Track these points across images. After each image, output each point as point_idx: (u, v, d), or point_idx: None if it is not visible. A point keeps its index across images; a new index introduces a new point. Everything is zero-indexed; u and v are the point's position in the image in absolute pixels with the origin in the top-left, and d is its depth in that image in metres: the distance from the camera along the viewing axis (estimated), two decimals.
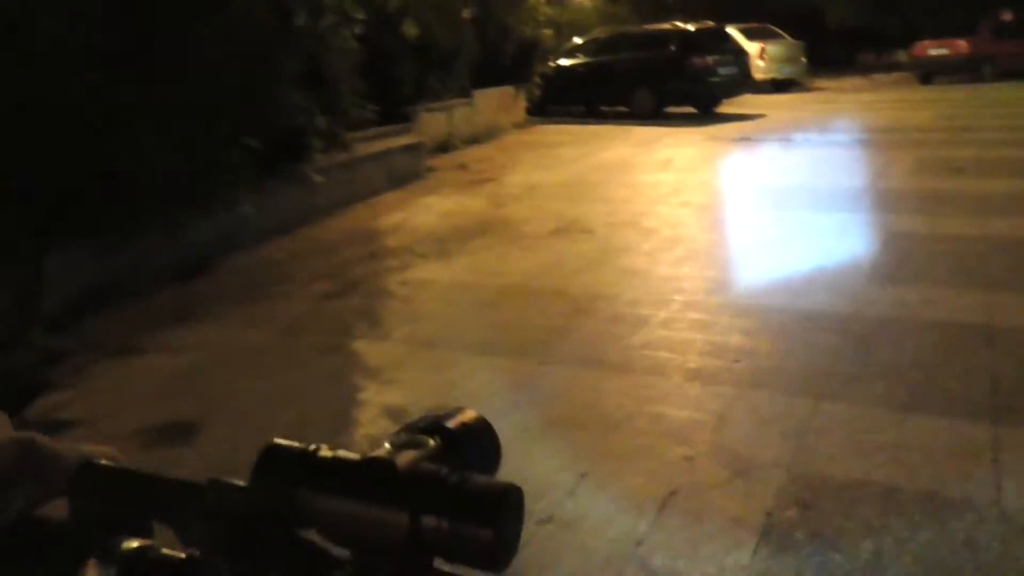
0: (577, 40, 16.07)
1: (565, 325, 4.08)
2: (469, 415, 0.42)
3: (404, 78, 10.31)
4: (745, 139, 10.75)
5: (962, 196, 6.52)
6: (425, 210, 7.14)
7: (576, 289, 4.64)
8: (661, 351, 3.65)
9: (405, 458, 0.37)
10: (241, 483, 0.40)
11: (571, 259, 5.31)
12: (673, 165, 8.87)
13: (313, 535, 0.39)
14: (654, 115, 13.79)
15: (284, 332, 4.26)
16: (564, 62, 15.22)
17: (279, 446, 0.39)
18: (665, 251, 5.37)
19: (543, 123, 13.88)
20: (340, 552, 0.39)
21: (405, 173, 8.35)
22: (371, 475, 0.37)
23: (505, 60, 13.23)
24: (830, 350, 3.57)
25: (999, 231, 5.38)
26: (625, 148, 10.49)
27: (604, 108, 14.71)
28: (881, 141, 9.91)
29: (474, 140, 11.93)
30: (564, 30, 18.58)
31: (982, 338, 3.58)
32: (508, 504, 0.35)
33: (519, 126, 13.56)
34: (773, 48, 18.41)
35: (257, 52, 5.35)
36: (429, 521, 0.35)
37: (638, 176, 8.31)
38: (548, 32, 14.85)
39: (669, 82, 13.55)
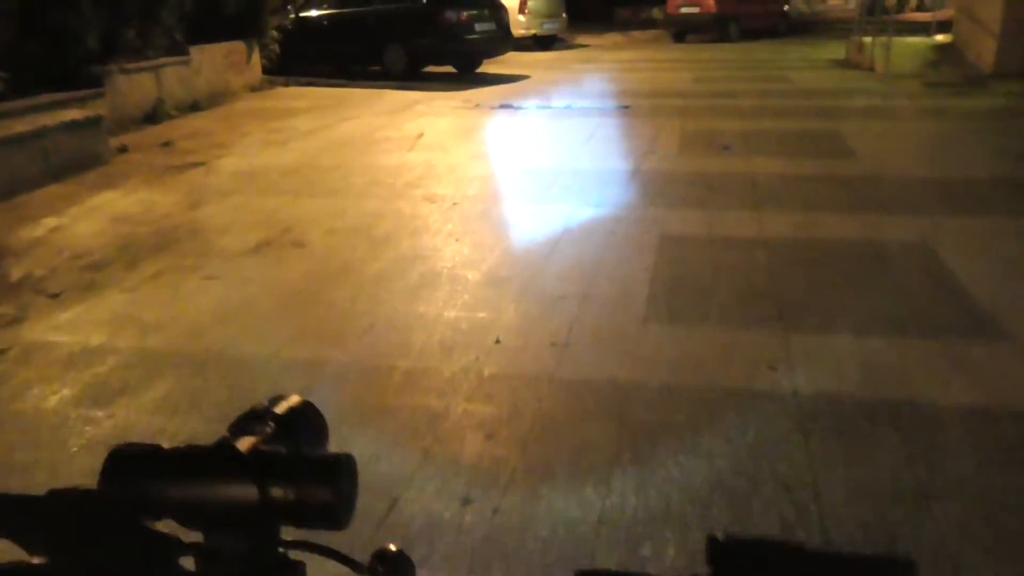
0: None
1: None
2: (295, 399, 0.45)
3: (84, 31, 8.17)
4: (506, 106, 9.74)
5: (733, 181, 5.87)
6: (92, 214, 5.37)
7: (254, 358, 3.28)
8: None
9: (246, 442, 0.40)
10: (86, 487, 0.42)
11: (265, 295, 3.93)
12: (423, 142, 7.63)
13: (165, 525, 0.41)
14: (409, 76, 12.44)
15: None
16: (308, 13, 13.37)
17: (125, 448, 0.41)
18: (396, 276, 4.13)
19: (285, 86, 12.06)
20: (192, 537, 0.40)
21: (76, 158, 6.41)
22: (218, 459, 0.39)
23: (228, 9, 11.22)
24: (601, 463, 2.53)
25: (778, 229, 4.70)
26: (372, 118, 9.09)
27: (355, 67, 13.12)
28: (645, 108, 9.29)
29: (194, 107, 9.95)
30: None
31: (791, 413, 2.71)
32: (344, 469, 0.40)
33: (255, 89, 11.65)
34: (534, 2, 17.61)
35: None
36: (276, 492, 0.38)
37: (380, 157, 6.99)
38: None
39: (421, 39, 12.21)
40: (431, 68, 13.07)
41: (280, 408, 0.45)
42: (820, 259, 4.22)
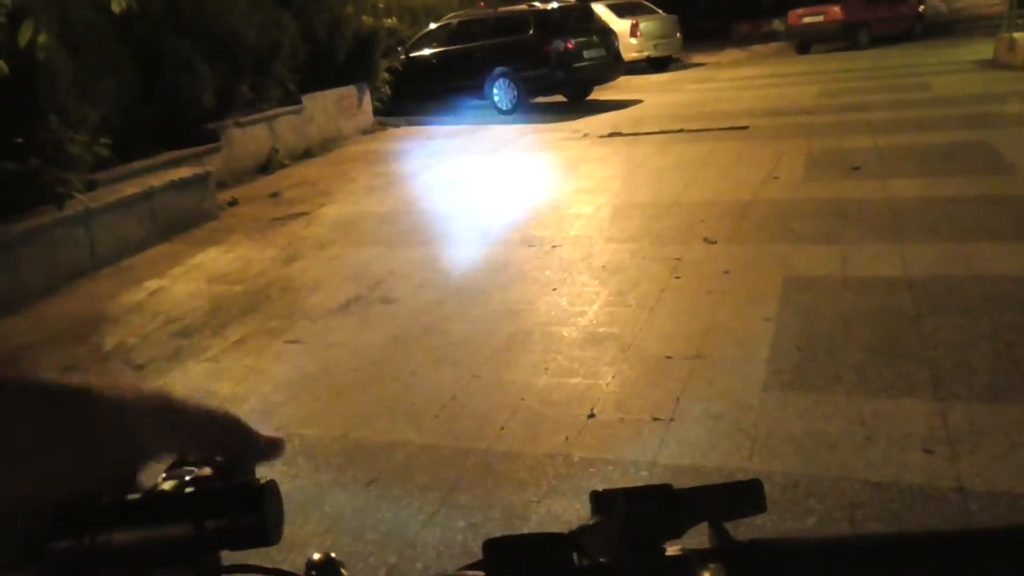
0: (432, 26, 14.29)
1: None
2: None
3: (200, 89, 8.40)
4: (615, 134, 9.31)
5: (868, 208, 5.21)
6: (192, 273, 5.35)
7: (319, 442, 3.00)
8: None
9: (179, 483, 0.42)
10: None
11: (345, 362, 3.66)
12: (525, 178, 7.31)
13: None
14: (519, 108, 12.24)
15: None
16: (417, 53, 13.46)
17: (66, 506, 0.41)
18: (483, 336, 3.79)
19: (396, 127, 12.12)
20: None
21: (185, 216, 6.49)
22: (156, 503, 0.41)
23: (340, 56, 11.40)
24: None
25: (925, 266, 4.04)
26: (476, 156, 8.88)
27: (465, 102, 13.05)
28: (765, 128, 8.64)
29: (307, 154, 10.10)
30: (420, 17, 16.81)
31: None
32: (267, 494, 0.40)
33: (366, 131, 11.77)
34: (646, 24, 17.16)
35: None
36: (210, 523, 0.40)
37: (480, 198, 6.72)
38: (391, 21, 13.07)
39: (528, 70, 11.98)
40: (541, 99, 12.83)
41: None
42: (981, 303, 3.55)
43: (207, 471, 0.44)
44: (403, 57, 13.27)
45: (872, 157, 6.65)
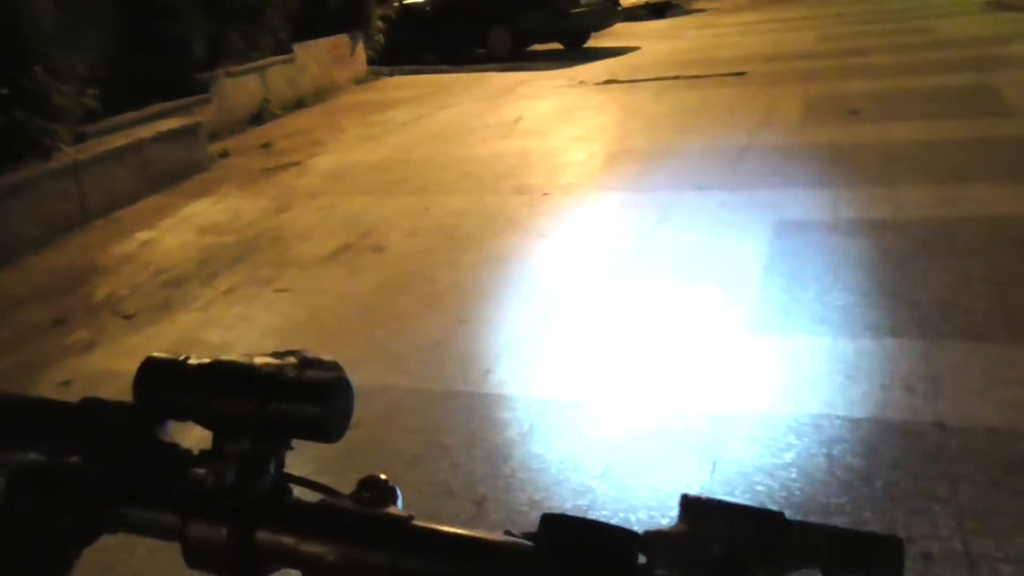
0: None
1: None
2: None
3: (190, 38, 8.27)
4: (611, 82, 9.18)
5: (864, 152, 5.15)
6: (182, 225, 5.32)
7: None
8: None
9: (259, 361, 0.45)
10: (115, 400, 0.49)
11: (334, 309, 3.66)
12: (520, 126, 7.24)
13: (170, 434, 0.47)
14: (515, 56, 12.05)
15: None
16: (411, 1, 13.21)
17: (155, 359, 0.46)
18: (471, 283, 3.78)
19: (390, 76, 11.95)
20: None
21: (175, 168, 6.43)
22: (229, 373, 0.44)
23: (333, 3, 11.18)
24: None
25: (918, 209, 4.02)
26: (471, 104, 8.77)
27: (461, 52, 12.84)
28: (763, 74, 8.51)
29: (300, 104, 9.96)
30: None
31: None
32: (333, 388, 0.43)
33: (360, 81, 11.60)
34: None
35: None
36: (273, 405, 0.42)
37: (474, 147, 6.65)
38: None
39: (525, 17, 11.77)
40: (538, 47, 12.63)
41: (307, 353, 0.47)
42: (972, 244, 3.53)
43: (291, 360, 0.46)
44: (397, 4, 13.03)
45: (870, 101, 6.56)
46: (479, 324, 3.35)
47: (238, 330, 3.55)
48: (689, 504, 0.39)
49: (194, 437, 0.49)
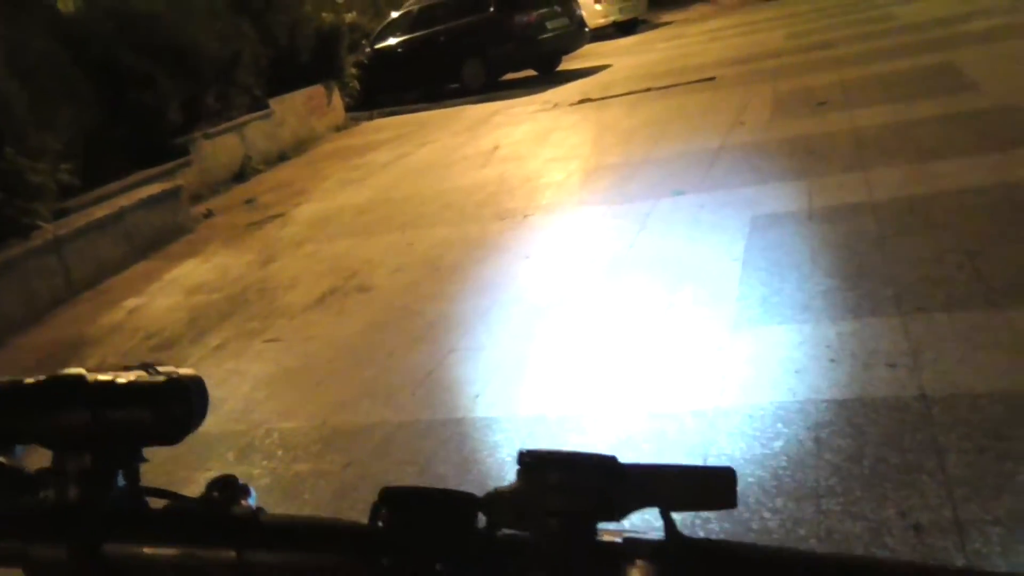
0: (394, 15, 14.18)
1: None
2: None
3: (164, 105, 8.38)
4: (585, 100, 9.28)
5: (835, 140, 5.20)
6: (170, 287, 5.36)
7: (299, 432, 3.03)
8: None
9: (92, 375, 0.44)
10: None
11: (323, 353, 3.68)
12: (498, 154, 7.31)
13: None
14: (490, 87, 12.18)
15: None
16: (382, 44, 13.39)
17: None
18: (457, 314, 3.81)
19: (369, 120, 12.08)
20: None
21: (160, 232, 6.49)
22: (59, 388, 0.43)
23: (303, 56, 11.34)
24: None
25: (889, 189, 4.05)
26: (450, 138, 8.86)
27: (436, 88, 12.98)
28: (732, 77, 8.60)
29: (282, 157, 10.07)
30: (382, 7, 16.71)
31: None
32: (165, 391, 0.42)
33: (340, 128, 11.73)
34: None
35: None
36: (107, 414, 0.42)
37: (454, 179, 6.71)
38: (351, 16, 13.01)
39: (495, 48, 11.91)
40: (511, 75, 12.77)
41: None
42: (944, 217, 3.55)
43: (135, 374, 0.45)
44: (368, 50, 13.20)
45: (837, 91, 6.63)
46: (467, 351, 3.37)
47: (230, 384, 3.57)
48: (525, 460, 0.38)
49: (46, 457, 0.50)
